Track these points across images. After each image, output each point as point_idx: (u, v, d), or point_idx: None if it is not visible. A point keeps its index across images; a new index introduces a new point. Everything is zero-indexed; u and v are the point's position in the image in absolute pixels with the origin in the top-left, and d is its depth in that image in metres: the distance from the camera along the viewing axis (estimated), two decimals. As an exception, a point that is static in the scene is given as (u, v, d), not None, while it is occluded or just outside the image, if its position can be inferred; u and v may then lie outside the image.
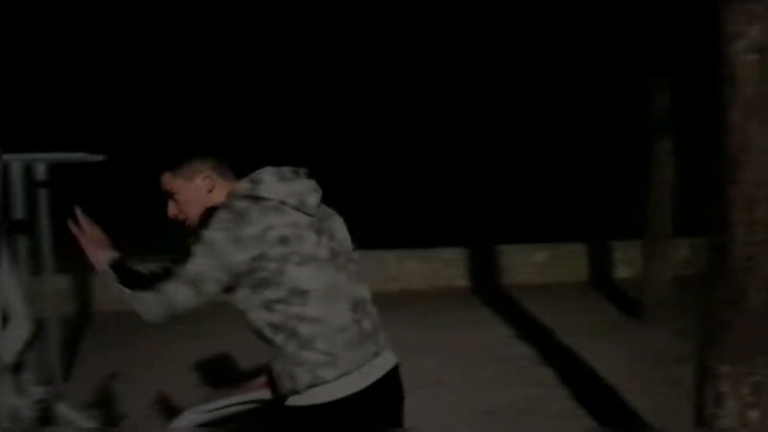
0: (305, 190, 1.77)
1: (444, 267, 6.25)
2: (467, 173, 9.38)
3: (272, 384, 1.80)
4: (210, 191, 1.83)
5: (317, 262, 1.70)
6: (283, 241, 1.66)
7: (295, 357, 1.67)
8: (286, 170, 1.80)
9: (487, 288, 6.13)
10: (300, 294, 1.66)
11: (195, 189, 1.82)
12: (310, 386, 1.67)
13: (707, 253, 2.30)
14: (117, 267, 1.74)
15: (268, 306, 1.66)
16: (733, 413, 2.25)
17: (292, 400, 1.70)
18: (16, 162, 3.42)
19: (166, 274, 1.68)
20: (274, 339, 1.67)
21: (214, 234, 1.65)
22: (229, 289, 1.68)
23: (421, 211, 8.13)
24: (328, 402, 1.68)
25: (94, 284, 5.47)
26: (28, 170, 3.59)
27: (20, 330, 1.70)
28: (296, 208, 1.72)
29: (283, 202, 1.72)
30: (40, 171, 3.71)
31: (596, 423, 3.23)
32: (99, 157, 3.87)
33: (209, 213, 1.73)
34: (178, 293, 1.65)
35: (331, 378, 1.67)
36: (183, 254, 1.68)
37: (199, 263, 1.64)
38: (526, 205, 8.26)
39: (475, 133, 9.58)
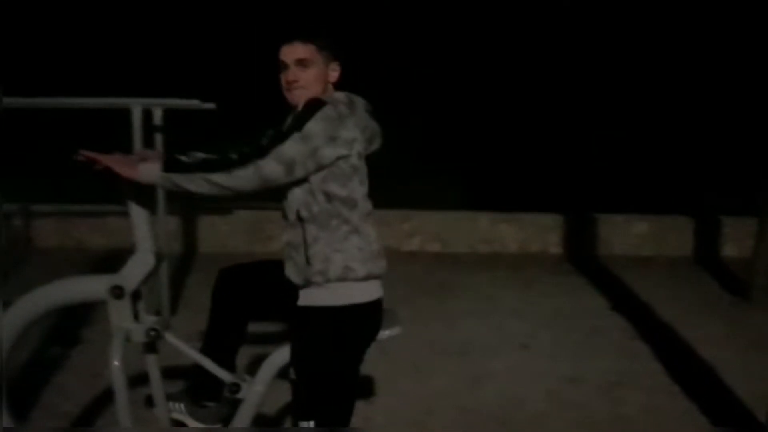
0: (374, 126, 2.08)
1: (538, 232, 6.13)
2: (568, 137, 9.09)
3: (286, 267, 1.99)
4: (330, 83, 2.01)
5: (366, 185, 2.00)
6: (359, 155, 1.93)
7: (336, 244, 1.91)
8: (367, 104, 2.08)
9: (582, 257, 5.98)
10: (353, 202, 1.93)
11: (324, 73, 1.98)
12: (341, 278, 1.90)
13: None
14: (171, 167, 1.85)
15: (328, 196, 1.89)
16: None
17: (315, 297, 1.92)
18: (136, 106, 3.62)
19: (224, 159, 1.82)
20: (324, 223, 1.90)
21: (314, 126, 1.82)
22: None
23: (519, 175, 7.98)
24: (351, 305, 1.92)
25: (199, 226, 5.77)
26: (146, 115, 3.79)
27: (145, 261, 1.84)
28: (367, 139, 1.99)
29: (365, 127, 1.99)
30: (157, 116, 3.90)
31: (691, 402, 3.13)
32: (211, 105, 4.03)
33: (311, 103, 1.89)
34: (272, 170, 1.81)
35: (361, 276, 1.93)
36: (275, 136, 1.86)
37: (295, 149, 1.81)
38: (630, 172, 7.93)
39: (583, 96, 9.21)
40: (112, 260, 5.49)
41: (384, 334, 2.00)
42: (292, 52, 1.94)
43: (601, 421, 2.93)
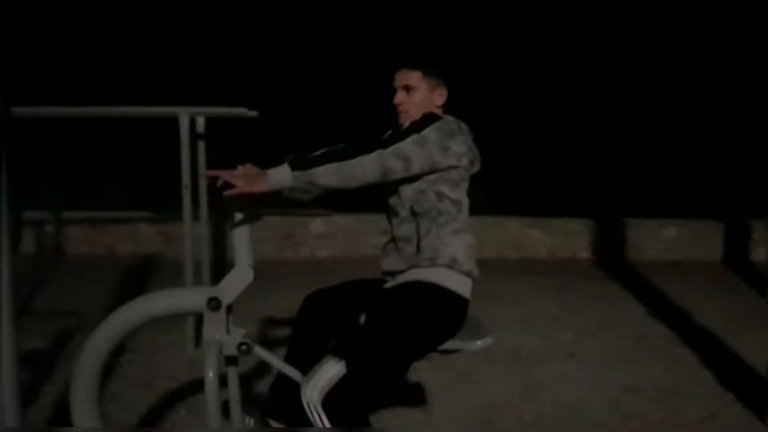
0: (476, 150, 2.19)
1: (567, 237, 6.13)
2: (596, 141, 9.06)
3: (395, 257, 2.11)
4: (436, 107, 2.16)
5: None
6: (466, 168, 2.08)
7: (446, 237, 2.04)
8: None
9: (612, 262, 5.98)
10: (460, 205, 2.09)
11: (429, 98, 2.14)
12: (448, 266, 2.02)
13: None
14: (297, 165, 1.90)
15: (440, 195, 2.03)
16: None
17: (418, 274, 2.04)
18: (184, 114, 3.61)
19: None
20: (436, 218, 2.03)
21: (430, 133, 1.97)
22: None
23: (547, 179, 7.96)
24: (449, 288, 2.02)
25: (229, 234, 5.75)
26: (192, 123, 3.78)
27: (243, 275, 1.83)
28: (470, 161, 2.11)
29: (470, 148, 2.11)
30: (200, 124, 3.89)
31: (748, 410, 3.11)
32: (253, 114, 4.02)
33: (427, 115, 2.06)
34: (393, 163, 1.92)
35: (465, 270, 2.05)
36: (393, 135, 1.98)
37: (411, 149, 1.94)
38: (658, 177, 7.91)
39: (612, 100, 9.18)
40: (142, 267, 5.53)
41: (476, 344, 2.01)
42: (400, 78, 2.14)
43: (664, 431, 2.91)
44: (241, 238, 1.93)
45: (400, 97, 2.14)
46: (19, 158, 1.92)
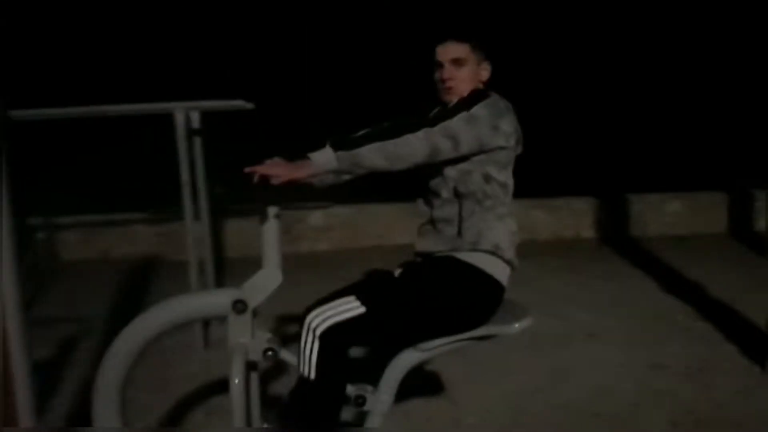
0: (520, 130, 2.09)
1: (571, 217, 6.05)
2: (595, 118, 8.95)
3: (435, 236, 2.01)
4: (481, 82, 2.06)
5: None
6: (513, 149, 2.00)
7: (491, 221, 1.95)
8: None
9: (617, 239, 5.91)
10: (507, 188, 2.01)
11: (476, 72, 2.04)
12: (490, 252, 1.94)
13: None
14: (339, 146, 1.80)
15: (487, 177, 1.95)
16: None
17: (460, 255, 1.94)
18: (179, 110, 3.47)
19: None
20: (481, 200, 1.94)
21: (480, 111, 1.87)
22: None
23: (548, 159, 7.87)
24: (488, 272, 1.94)
25: (226, 230, 5.63)
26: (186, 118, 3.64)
27: (272, 277, 1.74)
28: (516, 140, 2.02)
29: (516, 128, 2.01)
30: (195, 119, 3.75)
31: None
32: (249, 106, 3.88)
33: (476, 91, 1.98)
34: (441, 142, 1.82)
35: (507, 257, 1.98)
36: (441, 113, 1.89)
37: (460, 127, 1.84)
38: (659, 152, 7.85)
39: (610, 77, 9.05)
40: (139, 270, 5.39)
41: (515, 327, 1.93)
42: (447, 51, 2.01)
43: (699, 409, 2.83)
44: (270, 238, 1.82)
45: (449, 71, 2.00)
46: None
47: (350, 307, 1.82)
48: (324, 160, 1.77)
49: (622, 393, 2.97)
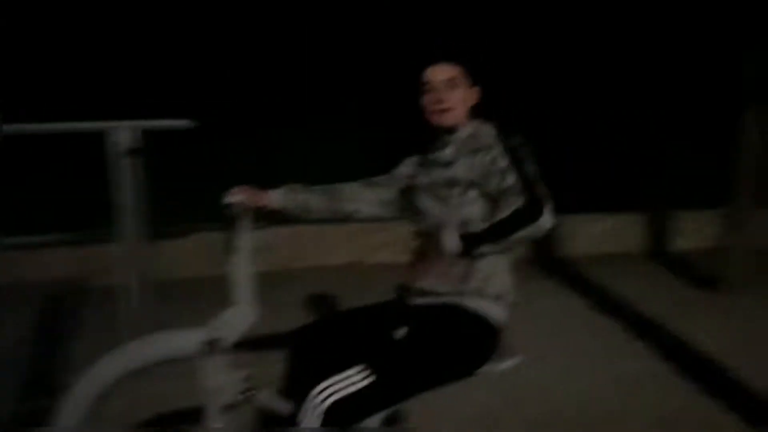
0: None
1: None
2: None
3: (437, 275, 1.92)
4: (470, 107, 2.02)
5: None
6: None
7: (499, 265, 1.93)
8: None
9: (545, 260, 6.06)
10: None
11: (467, 95, 2.00)
12: (497, 297, 1.92)
13: None
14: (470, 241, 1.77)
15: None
16: None
17: (461, 300, 1.91)
18: (120, 129, 3.31)
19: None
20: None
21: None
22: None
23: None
24: (492, 318, 1.92)
25: (159, 251, 5.40)
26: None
27: (246, 314, 1.64)
28: None
29: None
30: (132, 138, 3.58)
31: (723, 401, 3.17)
32: (188, 124, 3.73)
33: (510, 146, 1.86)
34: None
35: (509, 302, 1.97)
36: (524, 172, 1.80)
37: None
38: (587, 173, 8.09)
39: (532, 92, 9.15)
40: (54, 295, 5.05)
41: (506, 363, 1.90)
42: (440, 72, 1.96)
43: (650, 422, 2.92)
44: (241, 271, 1.72)
45: (444, 93, 1.96)
46: None
47: (357, 379, 1.73)
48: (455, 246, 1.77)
49: (572, 411, 3.02)
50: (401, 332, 1.93)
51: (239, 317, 1.65)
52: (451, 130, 2.01)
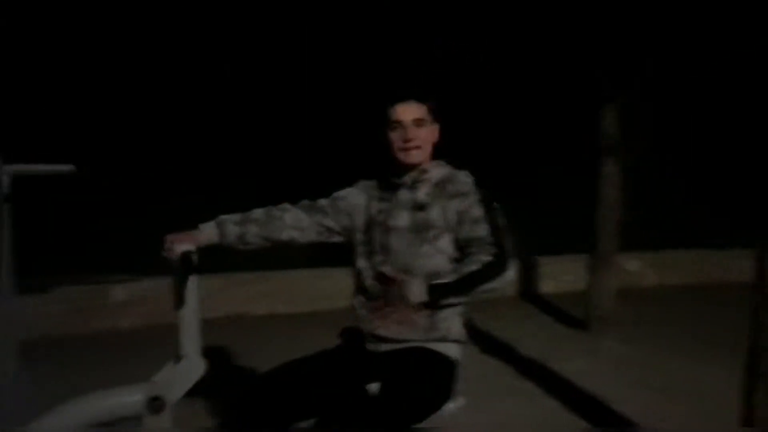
0: None
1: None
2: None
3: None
4: (433, 145, 2.07)
5: None
6: None
7: (458, 308, 1.97)
8: None
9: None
10: None
11: (432, 133, 2.06)
12: (456, 341, 1.99)
13: (757, 260, 2.54)
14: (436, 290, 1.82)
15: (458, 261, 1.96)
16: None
17: (432, 346, 1.97)
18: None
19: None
20: None
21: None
22: None
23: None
24: (455, 359, 2.01)
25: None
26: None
27: (193, 368, 1.55)
28: None
29: None
30: (4, 183, 3.29)
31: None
32: (68, 168, 3.50)
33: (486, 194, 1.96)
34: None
35: (465, 340, 2.05)
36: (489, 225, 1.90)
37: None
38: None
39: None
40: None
41: (449, 407, 1.93)
42: (409, 111, 1.99)
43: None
44: (188, 322, 1.63)
45: (412, 132, 1.99)
46: None
47: None
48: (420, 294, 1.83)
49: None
50: (374, 387, 1.91)
51: (187, 371, 1.56)
52: (420, 170, 2.04)
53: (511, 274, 1.82)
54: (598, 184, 5.17)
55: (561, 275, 6.79)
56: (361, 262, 2.08)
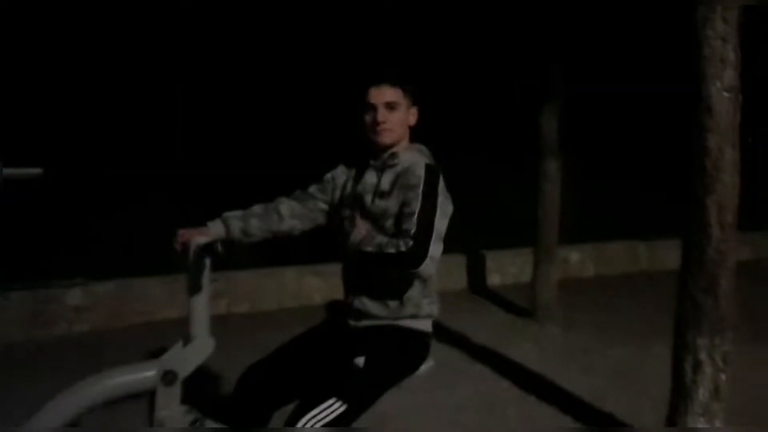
0: None
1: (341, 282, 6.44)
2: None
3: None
4: (409, 127, 2.22)
5: None
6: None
7: (426, 290, 2.19)
8: None
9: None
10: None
11: (406, 117, 2.19)
12: (427, 316, 2.20)
13: (684, 250, 2.87)
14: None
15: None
16: (708, 378, 2.83)
17: (401, 323, 2.17)
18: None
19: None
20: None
21: (441, 193, 2.08)
22: None
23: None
24: (427, 332, 2.23)
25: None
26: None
27: (203, 345, 1.72)
28: None
29: None
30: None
31: (554, 409, 3.70)
32: (36, 172, 3.58)
33: (431, 169, 2.11)
34: (438, 251, 2.05)
35: (435, 314, 2.26)
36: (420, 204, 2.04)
37: (441, 222, 2.06)
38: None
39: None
40: None
41: (420, 369, 2.16)
42: (382, 94, 2.12)
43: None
44: (200, 306, 1.81)
45: (383, 114, 2.13)
46: None
47: (334, 408, 1.93)
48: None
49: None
50: (360, 361, 2.09)
51: (198, 349, 1.74)
52: (391, 154, 2.20)
53: (428, 268, 2.01)
54: (538, 181, 5.49)
55: (506, 268, 7.15)
56: (339, 234, 2.30)
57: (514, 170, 7.13)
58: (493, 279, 7.15)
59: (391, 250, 1.98)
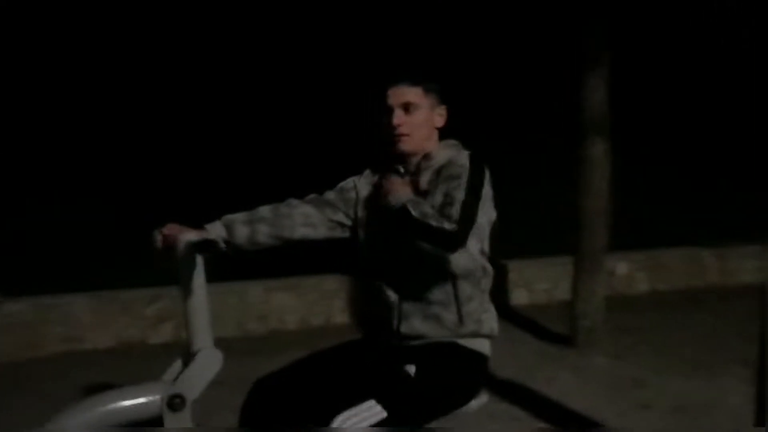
0: None
1: (321, 299, 6.62)
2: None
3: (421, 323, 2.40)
4: (436, 129, 2.46)
5: None
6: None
7: (486, 303, 2.44)
8: None
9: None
10: (487, 255, 2.48)
11: (430, 117, 2.42)
12: (487, 336, 2.42)
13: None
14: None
15: (482, 251, 2.42)
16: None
17: (463, 341, 2.40)
18: None
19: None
20: (476, 280, 2.39)
21: (486, 193, 2.33)
22: None
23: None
24: (486, 355, 2.45)
25: None
26: None
27: (210, 361, 1.89)
28: None
29: None
30: None
31: None
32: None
33: (478, 163, 2.34)
34: (475, 250, 2.37)
35: (496, 334, 2.48)
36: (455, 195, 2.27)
37: (482, 219, 2.35)
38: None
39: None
40: None
41: (473, 403, 2.41)
42: (398, 94, 2.36)
43: None
44: (199, 314, 1.99)
45: (399, 117, 2.35)
46: None
47: (373, 412, 2.15)
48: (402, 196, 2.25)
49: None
50: (410, 368, 2.31)
51: (204, 365, 1.93)
52: (424, 155, 2.43)
53: (454, 257, 2.28)
54: (579, 170, 5.62)
55: (535, 283, 7.38)
56: (362, 242, 2.53)
57: (546, 157, 7.32)
58: (519, 297, 7.37)
59: (434, 223, 2.20)
